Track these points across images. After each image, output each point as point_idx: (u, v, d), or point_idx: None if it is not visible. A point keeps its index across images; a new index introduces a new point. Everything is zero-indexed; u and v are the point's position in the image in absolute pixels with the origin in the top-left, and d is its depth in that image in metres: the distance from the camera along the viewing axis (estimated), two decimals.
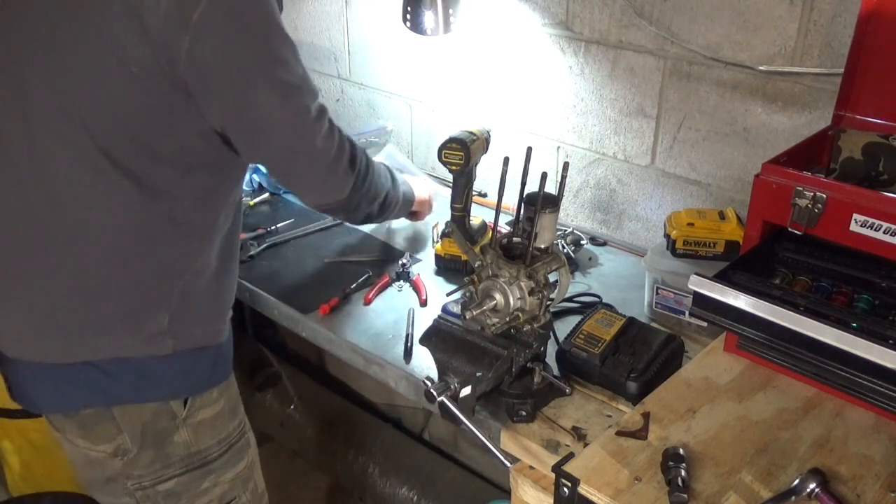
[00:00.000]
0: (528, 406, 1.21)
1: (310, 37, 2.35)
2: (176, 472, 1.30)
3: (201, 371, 1.28)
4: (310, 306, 1.55)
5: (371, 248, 1.78)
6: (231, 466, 1.36)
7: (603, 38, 1.71)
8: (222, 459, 1.35)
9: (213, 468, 1.34)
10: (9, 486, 2.26)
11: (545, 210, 1.17)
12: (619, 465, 1.03)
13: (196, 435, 1.30)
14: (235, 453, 1.37)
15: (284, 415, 2.51)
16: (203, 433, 1.31)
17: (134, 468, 1.28)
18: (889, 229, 1.04)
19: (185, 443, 1.29)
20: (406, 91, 2.18)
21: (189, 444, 1.30)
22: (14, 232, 1.17)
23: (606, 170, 1.82)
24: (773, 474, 1.02)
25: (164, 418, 1.26)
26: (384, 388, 2.21)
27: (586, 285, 1.63)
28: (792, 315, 1.05)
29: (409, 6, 1.74)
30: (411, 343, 1.43)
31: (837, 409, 1.15)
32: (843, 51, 1.32)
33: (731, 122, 1.58)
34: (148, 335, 1.20)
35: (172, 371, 1.24)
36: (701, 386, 1.20)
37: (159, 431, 1.27)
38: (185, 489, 1.32)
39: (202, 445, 1.31)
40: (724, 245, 1.45)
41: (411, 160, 2.15)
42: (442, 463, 2.29)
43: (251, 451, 1.42)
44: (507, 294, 1.16)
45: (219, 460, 1.34)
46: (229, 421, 1.35)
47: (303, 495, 2.48)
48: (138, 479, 1.29)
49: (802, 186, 1.11)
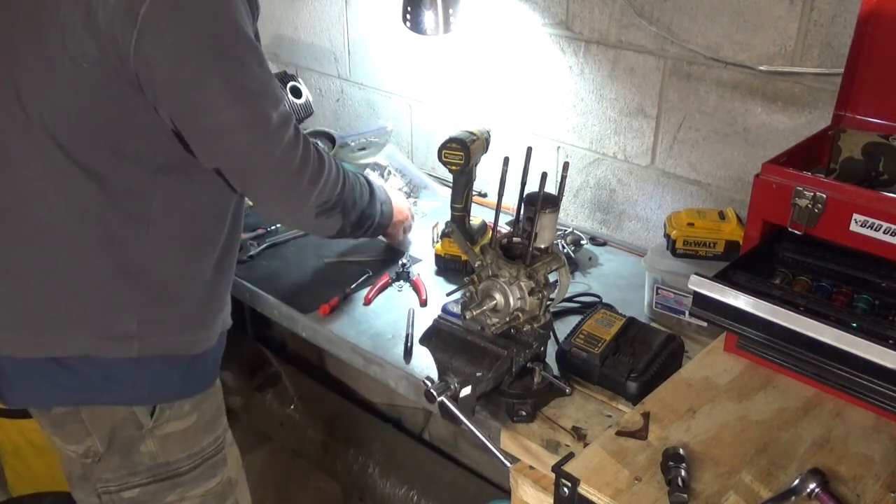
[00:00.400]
0: (528, 406, 1.21)
1: (310, 37, 2.35)
2: (141, 480, 1.29)
3: (169, 380, 1.25)
4: (310, 306, 1.55)
5: (371, 248, 1.78)
6: (202, 482, 1.34)
7: (603, 38, 1.71)
8: (193, 474, 1.32)
9: (182, 482, 1.31)
10: (9, 486, 2.26)
11: (545, 210, 1.17)
12: (619, 465, 1.03)
13: (163, 447, 1.28)
14: (209, 469, 1.34)
15: (284, 415, 2.51)
16: (171, 446, 1.29)
17: (102, 471, 1.28)
18: (889, 229, 1.04)
19: (151, 453, 1.28)
20: (406, 91, 2.18)
21: (155, 455, 1.28)
22: None
23: (606, 170, 1.82)
24: (773, 474, 1.02)
25: (131, 426, 1.25)
26: (384, 388, 2.21)
27: (586, 285, 1.63)
28: (792, 315, 1.05)
29: (409, 6, 1.74)
30: (411, 343, 1.43)
31: (837, 409, 1.15)
32: (843, 51, 1.32)
33: (731, 122, 1.58)
34: (114, 336, 1.18)
35: (138, 376, 1.22)
36: (701, 386, 1.20)
37: (126, 438, 1.26)
38: (150, 499, 1.31)
39: (170, 458, 1.29)
40: (724, 245, 1.45)
41: (411, 160, 2.15)
42: (442, 463, 2.29)
43: (229, 469, 1.39)
44: (507, 294, 1.16)
45: (189, 474, 1.32)
46: (204, 435, 1.32)
47: (303, 495, 2.47)
48: (105, 482, 1.29)
49: (802, 186, 1.11)
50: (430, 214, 1.89)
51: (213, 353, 1.31)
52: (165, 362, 1.23)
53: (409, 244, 1.76)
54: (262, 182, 1.18)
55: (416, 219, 1.78)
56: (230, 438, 1.40)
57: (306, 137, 1.20)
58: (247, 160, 1.15)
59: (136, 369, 1.21)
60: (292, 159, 1.17)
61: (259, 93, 1.12)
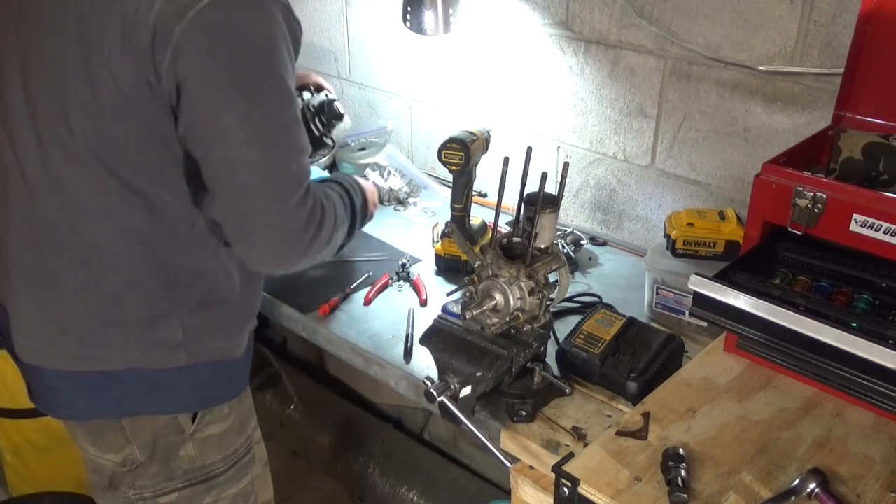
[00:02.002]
0: (528, 406, 1.21)
1: (310, 37, 2.35)
2: (178, 485, 1.29)
3: (215, 386, 1.27)
4: (310, 306, 1.55)
5: (371, 248, 1.78)
6: (234, 483, 1.35)
7: (603, 38, 1.71)
8: (227, 475, 1.33)
9: (217, 483, 1.32)
10: (9, 486, 2.26)
11: (545, 210, 1.17)
12: (619, 465, 1.03)
13: (202, 450, 1.29)
14: (240, 469, 1.35)
15: (284, 415, 2.51)
16: (209, 448, 1.30)
17: (138, 479, 1.28)
18: (889, 229, 1.04)
19: (190, 457, 1.28)
20: (406, 91, 2.18)
21: (194, 459, 1.29)
22: (28, 240, 1.17)
23: (606, 170, 1.82)
24: (773, 474, 1.02)
25: (172, 432, 1.25)
26: (384, 388, 2.21)
27: (586, 285, 1.63)
28: (792, 315, 1.05)
29: (409, 6, 1.74)
30: (411, 343, 1.43)
31: (837, 409, 1.15)
32: (843, 51, 1.32)
33: (731, 122, 1.58)
34: (160, 347, 1.19)
35: (185, 384, 1.23)
36: (701, 386, 1.20)
37: (167, 445, 1.26)
38: (186, 503, 1.31)
39: (207, 461, 1.30)
40: (724, 245, 1.45)
41: (411, 160, 2.15)
42: (442, 463, 2.29)
43: (257, 466, 1.40)
44: (507, 294, 1.16)
45: (223, 476, 1.33)
46: (237, 437, 1.33)
47: (303, 495, 2.47)
48: (140, 489, 1.29)
49: (802, 186, 1.11)
50: (430, 214, 1.89)
51: (247, 355, 1.32)
52: (209, 369, 1.24)
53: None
54: (256, 230, 1.11)
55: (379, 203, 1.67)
56: (258, 436, 1.41)
57: (315, 192, 1.14)
58: (248, 203, 1.08)
59: (183, 379, 1.21)
60: (299, 216, 1.11)
61: (278, 138, 1.08)
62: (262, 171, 1.06)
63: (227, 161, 1.06)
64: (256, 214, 1.09)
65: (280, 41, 1.06)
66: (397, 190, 1.99)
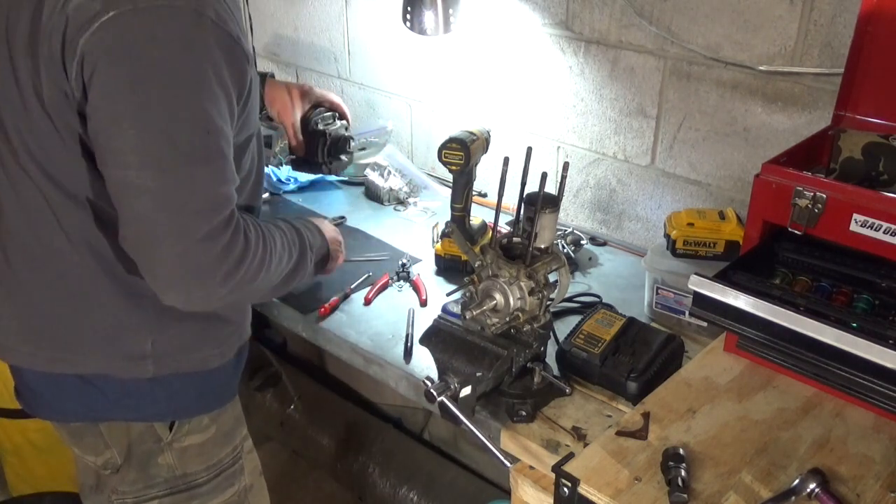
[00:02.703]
0: (528, 406, 1.21)
1: (310, 37, 2.36)
2: (159, 493, 1.28)
3: (185, 397, 1.24)
4: (310, 306, 1.55)
5: (371, 248, 1.78)
6: (219, 493, 1.33)
7: (603, 38, 1.71)
8: (210, 485, 1.32)
9: (199, 493, 1.31)
10: (9, 486, 2.26)
11: (545, 210, 1.17)
12: (619, 465, 1.03)
13: (181, 459, 1.28)
14: (225, 479, 1.34)
15: (284, 415, 2.51)
16: (190, 458, 1.28)
17: (119, 483, 1.28)
18: (889, 229, 1.04)
19: (170, 465, 1.27)
20: (406, 91, 2.18)
21: (174, 468, 1.27)
22: (3, 246, 1.18)
23: (606, 170, 1.82)
24: (773, 474, 1.02)
25: (149, 440, 1.25)
26: (384, 388, 2.21)
27: (586, 285, 1.63)
28: (792, 315, 1.06)
29: (409, 6, 1.74)
30: (411, 343, 1.43)
31: (837, 409, 1.15)
32: (843, 51, 1.32)
33: (731, 122, 1.58)
34: (127, 357, 1.18)
35: (157, 394, 1.21)
36: (701, 386, 1.20)
37: (144, 452, 1.25)
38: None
39: (188, 469, 1.29)
40: (724, 245, 1.45)
41: (411, 160, 2.16)
42: (442, 463, 2.29)
43: (246, 477, 1.38)
44: (507, 294, 1.16)
45: (206, 485, 1.31)
46: (221, 447, 1.32)
47: (303, 495, 2.48)
48: (122, 494, 1.29)
49: (802, 186, 1.11)
50: (430, 214, 1.89)
51: (231, 367, 1.29)
52: (181, 380, 1.22)
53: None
54: (159, 263, 1.01)
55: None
56: (248, 446, 1.39)
57: (239, 221, 1.05)
58: (149, 233, 1.00)
59: (152, 388, 1.20)
60: (208, 250, 1.01)
61: (182, 166, 0.98)
62: (161, 200, 0.98)
63: (124, 184, 0.99)
64: (157, 245, 1.00)
65: (203, 66, 0.98)
66: (397, 190, 1.99)
